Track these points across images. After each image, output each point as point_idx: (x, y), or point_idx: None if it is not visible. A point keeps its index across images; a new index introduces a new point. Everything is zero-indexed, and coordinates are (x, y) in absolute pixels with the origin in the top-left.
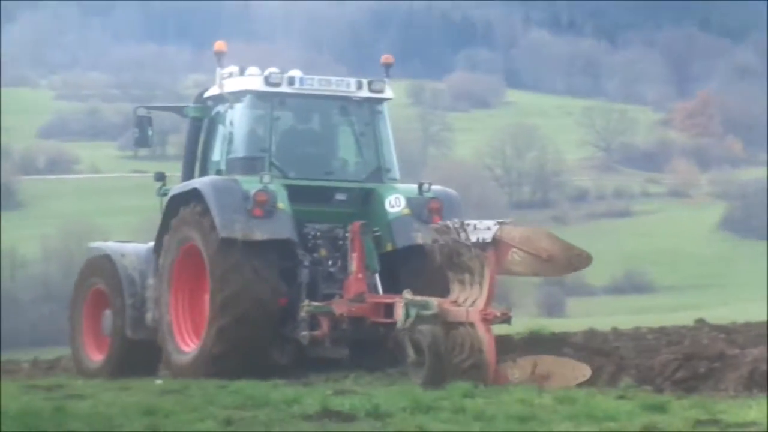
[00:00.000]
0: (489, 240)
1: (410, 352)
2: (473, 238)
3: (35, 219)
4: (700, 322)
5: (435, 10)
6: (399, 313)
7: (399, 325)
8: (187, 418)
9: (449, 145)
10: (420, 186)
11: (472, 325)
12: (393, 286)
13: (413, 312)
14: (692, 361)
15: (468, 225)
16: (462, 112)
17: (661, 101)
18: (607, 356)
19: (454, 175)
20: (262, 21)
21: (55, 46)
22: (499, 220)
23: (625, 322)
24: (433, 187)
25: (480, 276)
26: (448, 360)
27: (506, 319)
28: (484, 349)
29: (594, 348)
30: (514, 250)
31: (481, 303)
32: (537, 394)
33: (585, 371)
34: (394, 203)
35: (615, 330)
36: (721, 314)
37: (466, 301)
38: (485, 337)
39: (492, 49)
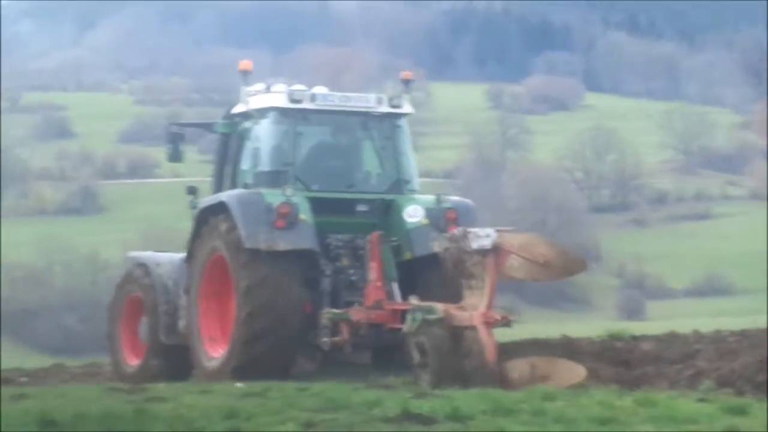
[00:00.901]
0: (488, 246)
1: (415, 355)
2: (474, 246)
3: (116, 223)
4: None
5: (513, 12)
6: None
7: (405, 329)
8: (267, 420)
9: (528, 148)
10: (438, 197)
11: (474, 328)
12: (412, 293)
13: (419, 317)
14: None
15: (470, 233)
16: (541, 115)
17: (740, 103)
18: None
19: (533, 178)
20: (341, 24)
21: (135, 51)
22: (499, 228)
23: (706, 324)
24: (450, 197)
25: (482, 281)
26: (452, 362)
27: (507, 323)
28: (485, 352)
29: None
30: (513, 256)
31: (482, 307)
32: (617, 396)
33: (580, 372)
34: (413, 214)
35: (696, 333)
36: None
37: (472, 306)
38: (487, 339)
39: (571, 52)
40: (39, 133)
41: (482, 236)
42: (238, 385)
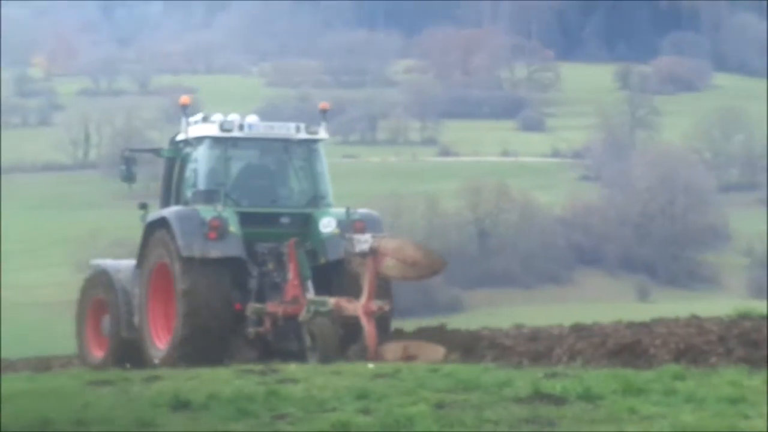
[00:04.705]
0: (367, 250)
1: (307, 339)
2: (357, 249)
3: None
4: None
5: None
6: None
7: (300, 318)
8: (399, 401)
9: (657, 129)
10: (347, 210)
11: (358, 317)
12: (328, 292)
13: (312, 308)
14: None
15: (353, 239)
16: (669, 95)
17: None
18: None
19: (661, 158)
20: (470, 5)
21: (265, 33)
22: (375, 234)
23: None
24: (360, 210)
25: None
26: (336, 346)
27: (383, 312)
28: (366, 336)
29: None
30: (388, 258)
31: (363, 299)
32: (747, 376)
33: (441, 352)
34: (327, 224)
35: None
36: None
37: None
38: (367, 326)
39: (698, 32)
40: (168, 116)
41: (362, 241)
42: (370, 366)
